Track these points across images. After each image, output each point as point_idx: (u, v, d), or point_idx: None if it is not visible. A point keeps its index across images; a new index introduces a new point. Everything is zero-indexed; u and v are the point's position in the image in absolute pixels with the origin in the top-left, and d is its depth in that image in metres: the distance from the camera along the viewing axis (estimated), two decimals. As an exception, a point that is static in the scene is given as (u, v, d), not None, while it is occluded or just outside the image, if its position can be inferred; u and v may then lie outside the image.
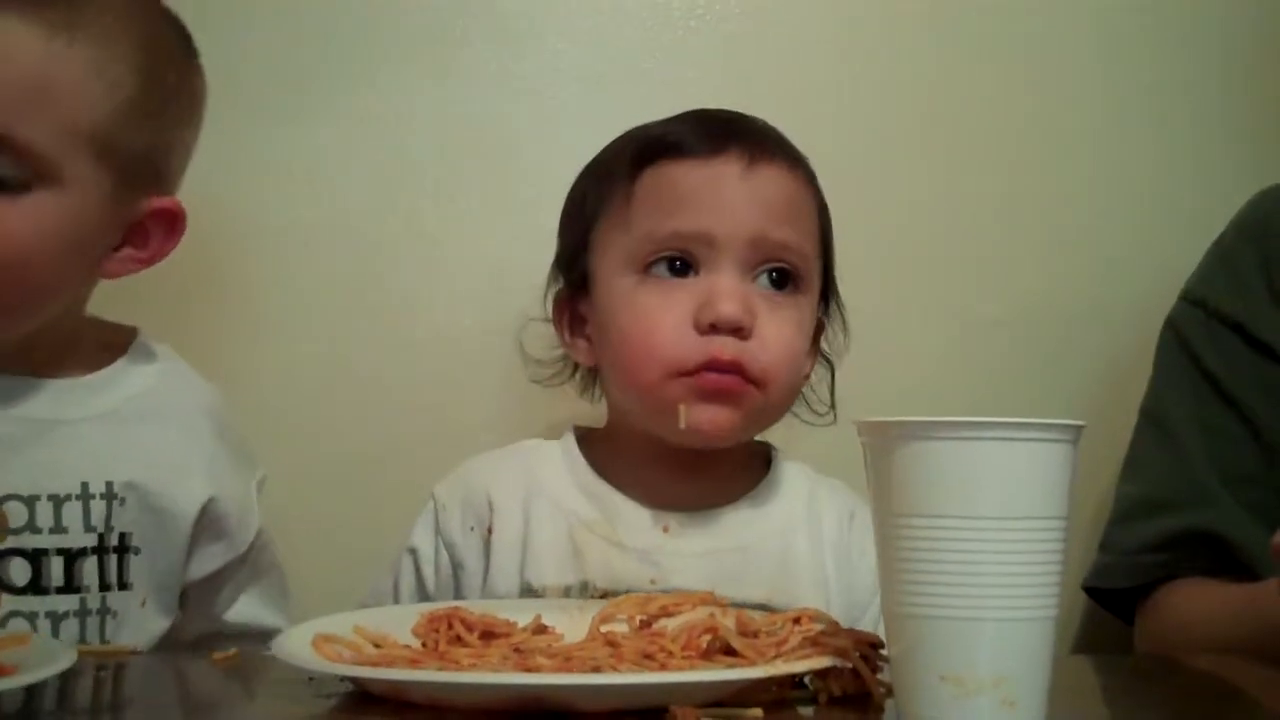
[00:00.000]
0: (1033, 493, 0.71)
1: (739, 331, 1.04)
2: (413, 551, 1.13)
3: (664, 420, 1.06)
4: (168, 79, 1.04)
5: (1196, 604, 1.16)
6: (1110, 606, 1.25)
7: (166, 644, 1.08)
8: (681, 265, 1.06)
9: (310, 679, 0.84)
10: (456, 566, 1.11)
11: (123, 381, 1.08)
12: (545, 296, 1.17)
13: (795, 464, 1.17)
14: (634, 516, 1.10)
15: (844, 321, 1.19)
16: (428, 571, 1.12)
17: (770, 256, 1.07)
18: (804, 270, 1.09)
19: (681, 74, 1.40)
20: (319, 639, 0.85)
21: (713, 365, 1.04)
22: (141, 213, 1.04)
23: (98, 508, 1.04)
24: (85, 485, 1.03)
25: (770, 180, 1.08)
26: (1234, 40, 1.44)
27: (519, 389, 1.31)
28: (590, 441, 1.15)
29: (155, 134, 1.04)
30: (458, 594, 1.10)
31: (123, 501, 1.05)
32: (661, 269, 1.07)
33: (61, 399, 1.05)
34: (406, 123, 1.39)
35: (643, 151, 1.10)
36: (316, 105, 1.37)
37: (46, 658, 0.79)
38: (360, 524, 1.34)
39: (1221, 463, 1.19)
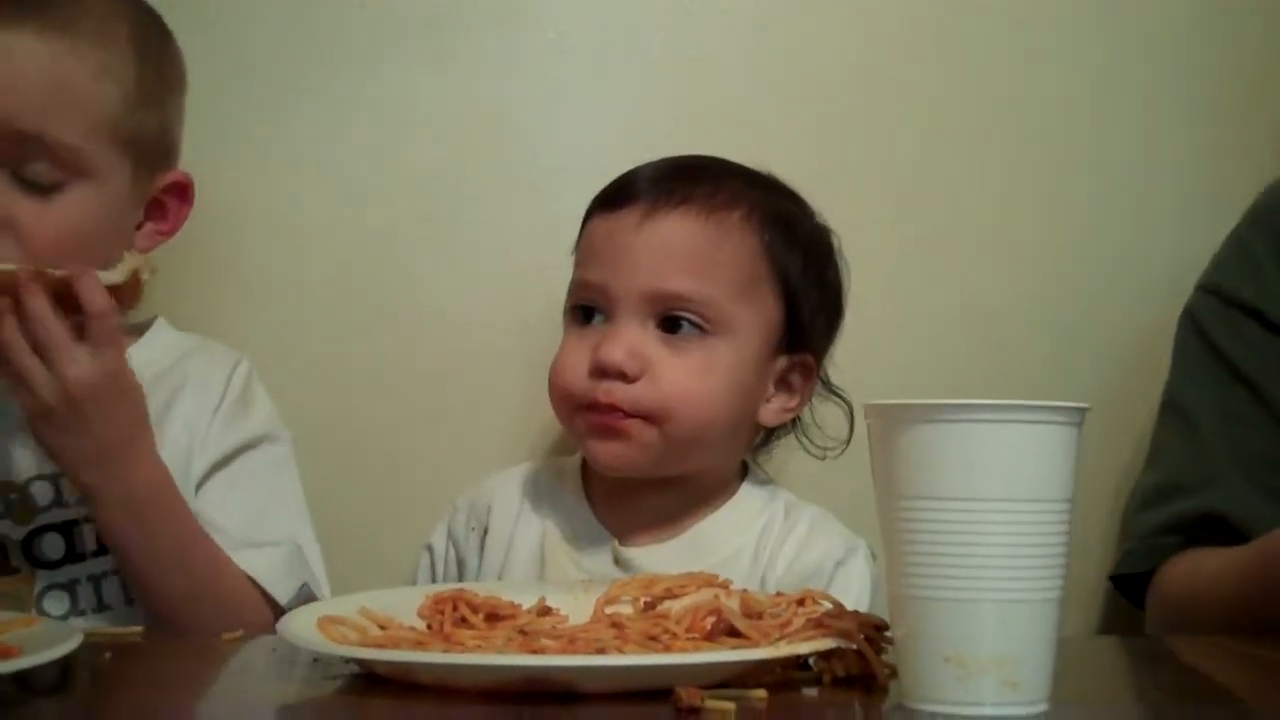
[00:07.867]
0: (1034, 475, 0.72)
1: (623, 376, 1.09)
2: (429, 549, 1.22)
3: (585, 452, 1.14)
4: (157, 61, 1.12)
5: (1201, 569, 1.16)
6: (1131, 596, 1.24)
7: None
8: (588, 313, 1.13)
9: (315, 660, 0.85)
10: (460, 564, 1.20)
11: (137, 358, 1.09)
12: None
13: (765, 491, 1.19)
14: (594, 537, 1.15)
15: (830, 389, 1.21)
16: (439, 567, 1.21)
17: (669, 307, 1.10)
18: (713, 315, 1.10)
19: (684, 57, 1.40)
20: (324, 620, 0.85)
21: (594, 406, 1.10)
22: (157, 188, 1.13)
23: None
24: None
25: (669, 231, 1.10)
26: (1245, 34, 1.44)
27: (525, 374, 1.31)
28: None
29: (160, 114, 1.12)
30: None
31: None
32: (577, 314, 1.14)
33: None
34: (409, 109, 1.38)
35: (592, 201, 1.15)
36: (318, 93, 1.37)
37: (51, 640, 0.79)
38: (367, 512, 1.34)
39: (1241, 446, 1.20)
